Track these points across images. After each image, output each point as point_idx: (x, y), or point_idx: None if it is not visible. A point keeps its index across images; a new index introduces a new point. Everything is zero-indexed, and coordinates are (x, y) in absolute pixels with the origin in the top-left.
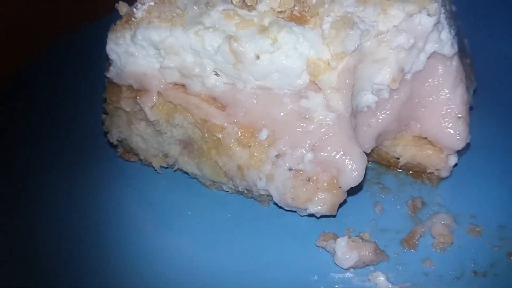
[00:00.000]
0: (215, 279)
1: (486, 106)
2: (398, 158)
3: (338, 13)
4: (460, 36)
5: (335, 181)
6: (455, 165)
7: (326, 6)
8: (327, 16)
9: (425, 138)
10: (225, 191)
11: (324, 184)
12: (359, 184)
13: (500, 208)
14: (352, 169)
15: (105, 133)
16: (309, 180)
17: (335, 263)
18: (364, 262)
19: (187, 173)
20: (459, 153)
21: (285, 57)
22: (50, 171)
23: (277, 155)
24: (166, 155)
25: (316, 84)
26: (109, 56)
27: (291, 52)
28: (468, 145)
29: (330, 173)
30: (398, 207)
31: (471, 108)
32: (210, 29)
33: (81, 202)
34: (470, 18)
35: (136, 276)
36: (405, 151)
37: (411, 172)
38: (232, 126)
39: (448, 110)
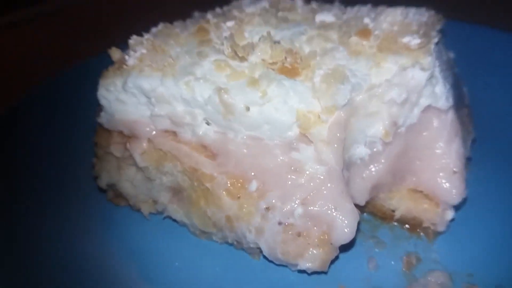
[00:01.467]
0: None
1: (485, 156)
2: (394, 211)
3: (330, 66)
4: (457, 85)
5: (326, 237)
6: (452, 219)
7: (318, 58)
8: (318, 69)
9: (421, 191)
10: (215, 241)
11: (315, 239)
12: (351, 241)
13: (498, 266)
14: (344, 226)
15: (95, 178)
16: (299, 235)
17: None
18: None
19: (176, 221)
20: (456, 207)
21: (274, 110)
22: (37, 213)
23: (266, 208)
24: (155, 202)
25: (306, 136)
26: (100, 102)
27: (280, 105)
28: (464, 200)
29: (321, 229)
30: (392, 262)
31: (469, 159)
32: (201, 80)
33: (67, 248)
34: (468, 63)
35: None
36: (401, 204)
37: (406, 225)
38: (222, 176)
39: (444, 164)
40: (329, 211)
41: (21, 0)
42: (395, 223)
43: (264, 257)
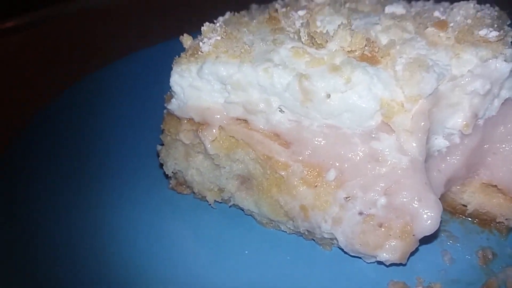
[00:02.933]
0: None
1: None
2: (465, 206)
3: (410, 55)
4: None
5: (408, 228)
6: None
7: (398, 47)
8: (399, 57)
9: (495, 186)
10: (283, 231)
11: (397, 231)
12: (433, 233)
13: None
14: (428, 217)
15: (161, 165)
16: (380, 226)
17: None
18: None
19: (242, 209)
20: None
21: (358, 97)
22: (99, 203)
23: (346, 198)
24: (221, 190)
25: (388, 125)
26: (172, 88)
27: (364, 92)
28: None
29: (403, 220)
30: (467, 256)
31: None
32: (280, 66)
33: (134, 234)
34: None
35: None
36: (473, 198)
37: (477, 220)
38: (298, 164)
39: None
40: (412, 202)
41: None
42: (466, 217)
43: (337, 248)
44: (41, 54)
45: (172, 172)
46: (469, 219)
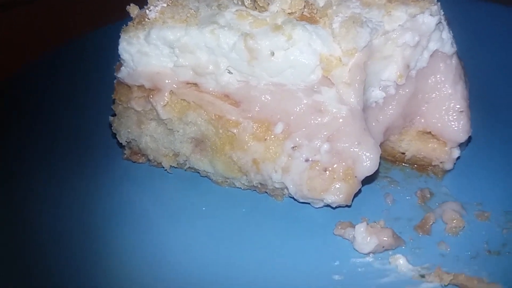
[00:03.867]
0: (238, 270)
1: (480, 103)
2: (404, 153)
3: (345, 14)
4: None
5: (351, 170)
6: (458, 157)
7: (334, 7)
8: (336, 16)
9: (429, 132)
10: (237, 187)
11: (340, 173)
12: (372, 174)
13: (504, 195)
14: (367, 158)
15: (114, 135)
16: (325, 170)
17: (354, 249)
18: (383, 247)
19: (198, 172)
20: (461, 146)
21: (299, 53)
22: (56, 176)
23: (293, 147)
24: (176, 154)
25: (328, 79)
26: (121, 56)
27: (305, 48)
28: (469, 138)
29: (346, 163)
30: (407, 197)
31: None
32: (225, 28)
33: (93, 205)
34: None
35: (155, 274)
36: (410, 145)
37: (416, 165)
38: (248, 121)
39: (451, 105)
40: (353, 147)
41: None
42: (405, 164)
43: (288, 198)
44: None
45: (126, 142)
46: (408, 165)
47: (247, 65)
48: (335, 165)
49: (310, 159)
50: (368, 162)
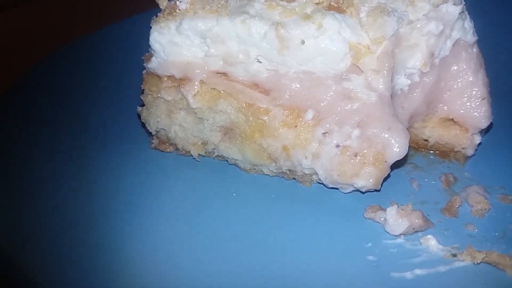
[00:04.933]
0: (274, 253)
1: (497, 91)
2: (427, 140)
3: (371, 4)
4: None
5: (381, 155)
6: (479, 144)
7: None
8: (362, 6)
9: (452, 119)
10: (266, 174)
11: (370, 158)
12: (401, 159)
13: None
14: (397, 143)
15: (142, 125)
16: (356, 156)
17: (385, 231)
18: (413, 229)
19: (226, 160)
20: (481, 132)
21: (329, 41)
22: (84, 168)
23: (324, 133)
24: (205, 143)
25: (357, 66)
26: (151, 47)
27: (335, 36)
28: (490, 124)
29: (375, 148)
30: (432, 182)
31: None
32: (256, 18)
33: (124, 195)
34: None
35: (195, 255)
36: (433, 132)
37: (438, 152)
38: (278, 108)
39: (473, 93)
40: (383, 132)
41: None
42: (428, 151)
43: (316, 183)
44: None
45: (156, 131)
46: (431, 151)
47: (277, 54)
48: (365, 150)
49: (341, 145)
50: (398, 147)
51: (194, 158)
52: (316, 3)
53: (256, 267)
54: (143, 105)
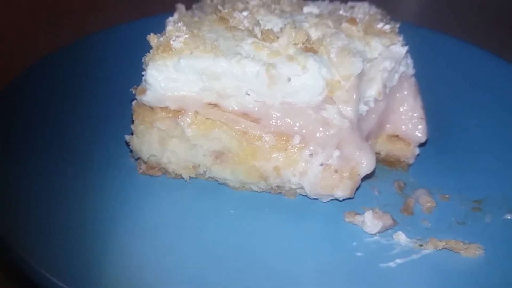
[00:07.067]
0: (274, 258)
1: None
2: (378, 153)
3: (338, 45)
4: None
5: (355, 170)
6: (418, 154)
7: (328, 39)
8: (331, 47)
9: (397, 135)
10: (254, 190)
11: (347, 173)
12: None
13: (455, 181)
14: (368, 160)
15: (131, 152)
16: (336, 172)
17: (364, 231)
18: (385, 227)
19: (216, 180)
20: (420, 145)
21: (311, 79)
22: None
23: (310, 154)
24: (196, 166)
25: (331, 98)
26: (147, 82)
27: (316, 75)
28: (426, 140)
29: (350, 165)
30: (388, 188)
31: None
32: (249, 58)
33: (120, 222)
34: None
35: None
36: (383, 146)
37: (386, 162)
38: (269, 135)
39: (414, 114)
40: (356, 151)
41: None
42: (379, 162)
43: (299, 196)
44: None
45: (148, 158)
46: (381, 163)
47: (266, 89)
48: (343, 167)
49: (324, 163)
50: (368, 163)
51: (185, 180)
52: (294, 44)
53: (260, 271)
54: (131, 133)
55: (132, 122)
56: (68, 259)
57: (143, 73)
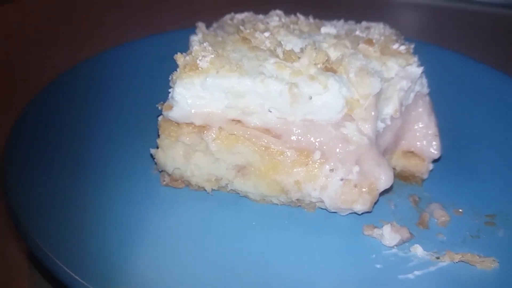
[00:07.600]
0: (297, 267)
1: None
2: (394, 168)
3: (356, 65)
4: None
5: (373, 185)
6: (431, 169)
7: (346, 60)
8: (350, 67)
9: (412, 151)
10: (274, 203)
11: (366, 188)
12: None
13: (468, 196)
14: (386, 175)
15: (155, 165)
16: (355, 186)
17: (382, 244)
18: (403, 240)
19: (237, 193)
20: (434, 161)
21: (332, 98)
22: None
23: (330, 170)
24: (219, 179)
25: (350, 116)
26: (174, 99)
27: (336, 94)
28: (440, 156)
29: (369, 180)
30: (404, 202)
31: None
32: (272, 78)
33: (144, 235)
34: None
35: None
36: (398, 162)
37: (401, 177)
38: (290, 150)
39: (429, 132)
40: (374, 167)
41: None
42: (395, 177)
43: (318, 209)
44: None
45: (172, 171)
46: (396, 178)
47: (288, 107)
48: (362, 182)
49: (344, 178)
50: (387, 179)
51: (207, 192)
52: (314, 64)
53: (280, 283)
54: (157, 147)
55: (158, 136)
56: (94, 265)
57: (169, 90)
